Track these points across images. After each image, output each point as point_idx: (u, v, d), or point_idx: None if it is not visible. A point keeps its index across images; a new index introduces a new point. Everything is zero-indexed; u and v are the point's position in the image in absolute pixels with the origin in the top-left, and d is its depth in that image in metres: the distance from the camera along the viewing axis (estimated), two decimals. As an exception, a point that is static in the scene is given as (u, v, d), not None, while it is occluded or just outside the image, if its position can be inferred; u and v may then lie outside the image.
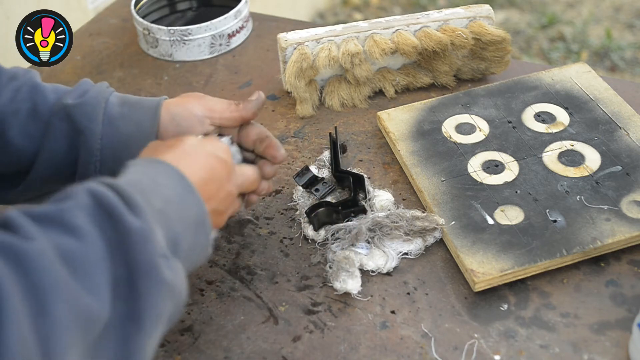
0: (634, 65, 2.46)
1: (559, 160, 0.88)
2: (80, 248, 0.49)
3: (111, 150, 0.74)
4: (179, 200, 0.58)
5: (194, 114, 0.75)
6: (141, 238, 0.52)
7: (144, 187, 0.57)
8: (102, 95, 0.75)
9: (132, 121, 0.74)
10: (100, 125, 0.74)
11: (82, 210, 0.51)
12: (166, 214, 0.57)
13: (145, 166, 0.61)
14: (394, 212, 0.82)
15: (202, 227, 0.60)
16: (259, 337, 0.74)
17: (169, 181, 0.59)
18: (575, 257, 0.77)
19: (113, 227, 0.52)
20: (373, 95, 1.05)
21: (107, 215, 0.52)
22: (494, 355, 0.70)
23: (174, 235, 0.57)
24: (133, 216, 0.53)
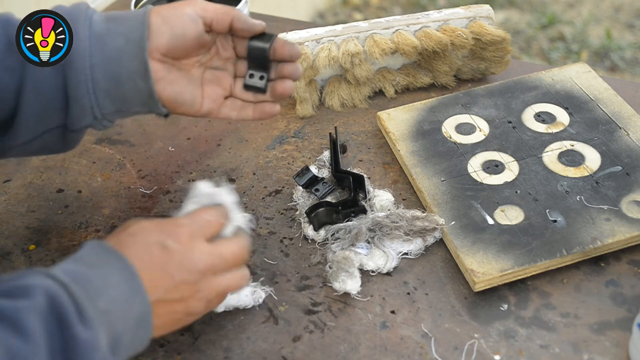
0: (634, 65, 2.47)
1: (559, 160, 0.88)
2: (26, 351, 0.51)
3: (102, 68, 0.71)
4: (125, 299, 0.59)
5: (185, 14, 0.73)
6: (88, 350, 0.54)
7: (92, 286, 0.57)
8: (82, 12, 0.72)
9: (120, 35, 0.71)
10: (87, 42, 0.71)
11: (35, 313, 0.53)
12: (110, 314, 0.57)
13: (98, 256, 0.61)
14: (394, 212, 0.82)
15: (144, 324, 0.60)
16: (259, 337, 0.74)
17: (118, 279, 0.59)
18: (575, 257, 0.77)
19: (62, 335, 0.53)
20: (373, 95, 1.05)
21: (58, 322, 0.53)
22: (494, 355, 0.70)
23: (115, 335, 0.57)
24: (83, 326, 0.54)
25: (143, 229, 0.64)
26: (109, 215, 0.89)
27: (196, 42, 0.74)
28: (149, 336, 0.62)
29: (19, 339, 0.51)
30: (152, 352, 0.73)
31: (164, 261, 0.62)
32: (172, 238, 0.63)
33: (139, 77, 0.72)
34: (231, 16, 0.75)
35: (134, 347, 0.61)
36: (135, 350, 0.62)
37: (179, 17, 0.73)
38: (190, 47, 0.74)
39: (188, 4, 0.74)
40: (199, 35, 0.74)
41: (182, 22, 0.73)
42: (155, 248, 0.62)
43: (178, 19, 0.72)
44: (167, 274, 0.62)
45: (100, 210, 0.90)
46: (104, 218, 0.89)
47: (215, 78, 0.79)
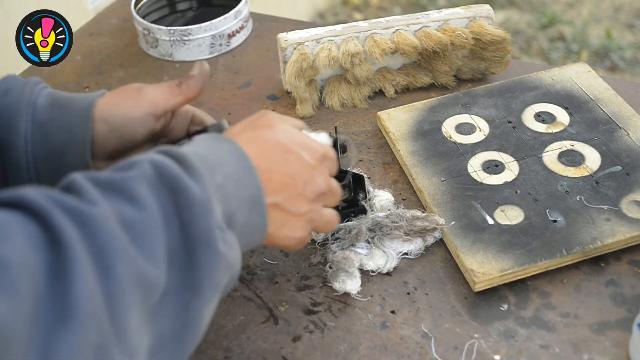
0: (634, 65, 2.46)
1: (559, 160, 0.88)
2: (139, 217, 0.51)
3: (45, 161, 0.68)
4: (237, 177, 0.59)
5: (133, 118, 0.69)
6: (202, 209, 0.54)
7: (208, 161, 0.58)
8: (25, 98, 0.68)
9: (63, 128, 0.67)
10: (29, 134, 0.67)
11: (144, 181, 0.53)
12: (224, 190, 0.57)
13: (212, 141, 0.61)
14: (394, 212, 0.82)
15: (257, 207, 0.60)
16: (259, 337, 0.74)
17: (231, 159, 0.60)
18: (575, 257, 0.77)
19: (173, 197, 0.53)
20: (373, 95, 1.05)
21: (168, 187, 0.53)
22: (494, 355, 0.70)
23: (229, 210, 0.58)
24: (196, 185, 0.54)
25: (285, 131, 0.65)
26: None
27: (145, 137, 0.72)
28: (265, 225, 0.62)
29: (132, 206, 0.51)
30: (152, 352, 0.73)
31: (297, 171, 0.64)
32: (310, 154, 0.65)
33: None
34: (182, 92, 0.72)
35: (249, 231, 0.61)
36: (252, 238, 0.62)
37: (126, 123, 0.69)
38: (139, 143, 0.72)
39: (135, 102, 0.70)
40: (149, 131, 0.71)
41: (130, 127, 0.70)
42: (294, 156, 0.64)
43: (125, 125, 0.69)
44: (294, 184, 0.63)
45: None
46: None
47: None
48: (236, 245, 0.58)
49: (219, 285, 0.56)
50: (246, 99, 1.08)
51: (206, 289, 0.54)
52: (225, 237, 0.56)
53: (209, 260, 0.54)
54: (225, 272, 0.56)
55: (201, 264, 0.53)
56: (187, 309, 0.53)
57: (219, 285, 0.56)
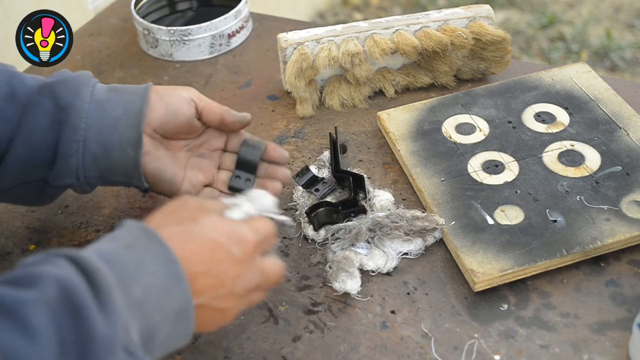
0: (634, 65, 2.46)
1: (559, 160, 0.88)
2: (27, 351, 0.45)
3: (96, 131, 0.73)
4: (164, 288, 0.54)
5: (181, 95, 0.77)
6: (105, 349, 0.48)
7: (125, 270, 0.53)
8: (87, 78, 0.76)
9: (119, 104, 0.74)
10: (87, 105, 0.73)
11: (43, 307, 0.47)
12: (145, 304, 0.53)
13: (137, 238, 0.56)
14: (394, 212, 0.82)
15: (184, 319, 0.56)
16: (259, 337, 0.74)
17: (158, 267, 0.55)
18: (575, 257, 0.77)
19: (76, 329, 0.48)
20: (373, 95, 1.05)
21: (72, 315, 0.48)
22: (494, 355, 0.70)
23: (150, 327, 0.53)
24: (103, 318, 0.49)
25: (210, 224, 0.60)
26: (109, 215, 0.89)
27: (187, 123, 0.78)
28: (190, 334, 0.58)
29: (22, 338, 0.46)
30: (152, 352, 0.73)
31: (225, 269, 0.59)
32: (240, 248, 0.60)
33: (130, 146, 0.74)
34: (222, 110, 0.79)
35: (172, 342, 0.57)
36: (174, 345, 0.58)
37: (175, 96, 0.77)
38: (180, 127, 0.77)
39: (184, 89, 0.79)
40: (190, 117, 0.78)
41: (177, 101, 0.77)
42: (222, 253, 0.59)
43: (174, 98, 0.77)
44: (222, 283, 0.59)
45: (100, 210, 0.90)
46: (104, 218, 0.89)
47: (199, 165, 0.81)
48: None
49: None
50: (246, 99, 1.08)
51: None
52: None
53: None
54: None
55: None
56: None
57: None
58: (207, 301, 0.58)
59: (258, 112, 1.04)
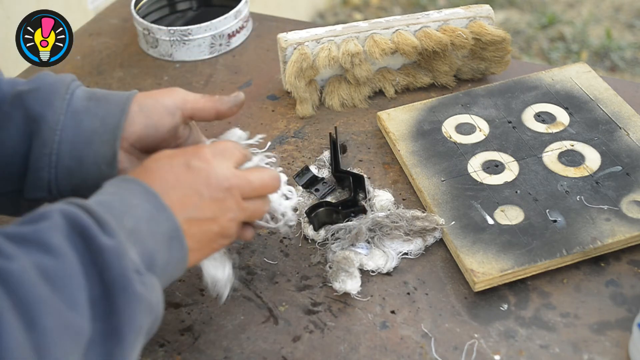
0: (634, 65, 2.47)
1: (559, 160, 0.88)
2: (58, 267, 0.51)
3: (71, 145, 0.69)
4: (150, 217, 0.59)
5: (164, 106, 0.72)
6: (114, 256, 0.54)
7: (114, 208, 0.58)
8: (63, 85, 0.71)
9: (97, 116, 0.70)
10: (62, 116, 0.69)
11: (57, 231, 0.53)
12: (138, 233, 0.57)
13: (117, 186, 0.61)
14: (394, 212, 0.82)
15: (176, 242, 0.60)
16: (259, 337, 0.74)
17: (139, 200, 0.59)
18: (575, 257, 0.77)
19: (87, 246, 0.53)
20: (373, 95, 1.05)
21: (81, 236, 0.53)
22: (494, 355, 0.70)
23: (148, 252, 0.57)
24: (105, 235, 0.54)
25: (166, 154, 0.65)
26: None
27: (169, 134, 0.73)
28: (186, 255, 0.61)
29: (49, 256, 0.51)
30: (152, 352, 0.73)
31: (190, 179, 0.63)
32: (196, 157, 0.64)
33: (104, 164, 0.70)
34: (213, 103, 0.74)
35: (172, 266, 0.61)
36: (175, 271, 0.62)
37: (157, 107, 0.72)
38: (162, 140, 0.73)
39: (169, 94, 0.74)
40: (173, 128, 0.73)
41: (159, 114, 0.72)
42: (180, 168, 0.63)
43: (155, 110, 0.72)
44: (194, 192, 0.62)
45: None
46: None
47: None
48: (157, 287, 0.58)
49: (141, 329, 0.55)
50: (246, 99, 1.07)
51: (128, 334, 0.54)
52: (144, 280, 0.56)
53: (127, 305, 0.53)
54: (146, 315, 0.56)
55: (121, 310, 0.53)
56: (111, 358, 0.53)
57: (142, 330, 0.55)
58: (190, 214, 0.62)
59: (258, 112, 1.04)
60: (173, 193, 0.61)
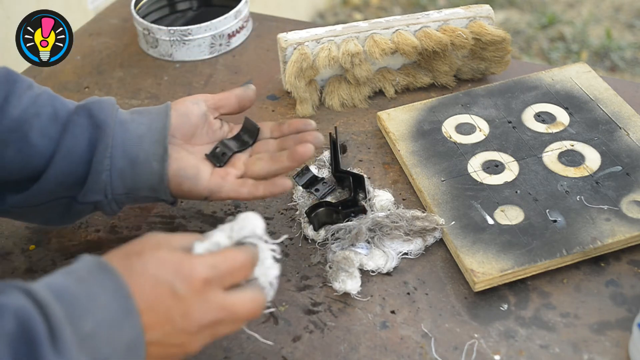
0: (634, 65, 2.46)
1: (559, 160, 0.88)
2: None
3: (121, 148, 0.75)
4: (114, 321, 0.54)
5: (187, 99, 0.81)
6: None
7: (76, 305, 0.54)
8: (111, 103, 0.78)
9: (143, 124, 0.77)
10: (113, 125, 0.76)
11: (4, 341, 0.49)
12: (95, 338, 0.53)
13: (91, 274, 0.56)
14: (394, 212, 0.82)
15: (134, 353, 0.56)
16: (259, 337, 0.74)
17: (109, 300, 0.55)
18: (575, 257, 0.77)
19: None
20: (373, 95, 1.05)
21: (28, 350, 0.49)
22: (494, 355, 0.70)
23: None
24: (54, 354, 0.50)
25: (157, 259, 0.59)
26: (109, 215, 0.89)
27: (200, 120, 0.81)
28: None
29: None
30: (152, 352, 0.73)
31: (169, 306, 0.57)
32: (185, 283, 0.58)
33: (155, 160, 0.76)
34: (232, 94, 0.84)
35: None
36: None
37: (183, 102, 0.81)
38: (195, 125, 0.80)
39: (191, 96, 0.83)
40: (202, 114, 0.81)
41: (185, 105, 0.81)
42: (164, 289, 0.57)
43: (182, 104, 0.81)
44: (169, 320, 0.57)
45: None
46: (104, 218, 0.89)
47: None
48: None
49: None
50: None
51: None
52: None
53: None
54: None
55: None
56: None
57: None
58: (158, 338, 0.57)
59: (258, 112, 1.04)
60: (148, 314, 0.56)
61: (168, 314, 0.57)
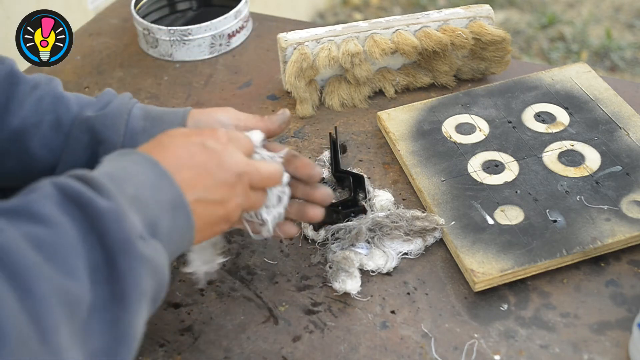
0: (634, 65, 2.47)
1: (559, 160, 0.88)
2: (50, 235, 0.50)
3: None
4: (152, 184, 0.58)
5: (218, 121, 0.76)
6: (114, 218, 0.52)
7: (114, 175, 0.57)
8: (124, 107, 0.76)
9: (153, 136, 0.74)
10: (122, 138, 0.74)
11: (48, 200, 0.52)
12: (140, 199, 0.56)
13: (117, 158, 0.61)
14: (394, 212, 0.82)
15: (181, 211, 0.59)
16: (259, 337, 0.74)
17: (141, 168, 0.59)
18: (575, 257, 0.77)
19: (83, 212, 0.52)
20: (373, 95, 1.05)
21: (75, 202, 0.52)
22: (494, 355, 0.70)
23: (150, 219, 0.56)
24: (102, 198, 0.53)
25: (182, 132, 0.65)
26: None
27: None
28: (192, 226, 0.60)
29: (40, 226, 0.50)
30: (152, 352, 0.73)
31: (205, 160, 0.62)
32: (212, 138, 0.64)
33: None
34: (263, 123, 0.77)
35: (177, 236, 0.59)
36: (181, 242, 0.60)
37: (210, 122, 0.76)
38: None
39: (222, 112, 0.78)
40: None
41: (211, 124, 0.76)
42: (196, 147, 0.62)
43: (209, 125, 0.76)
44: (207, 172, 0.62)
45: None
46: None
47: None
48: (162, 251, 0.57)
49: (145, 293, 0.54)
50: (246, 99, 1.08)
51: (133, 299, 0.52)
52: (149, 244, 0.55)
53: (131, 267, 0.52)
54: (151, 279, 0.55)
55: (124, 274, 0.52)
56: (117, 323, 0.52)
57: (146, 293, 0.54)
58: (200, 195, 0.61)
59: (258, 112, 1.04)
60: (185, 171, 0.61)
61: (206, 166, 0.62)
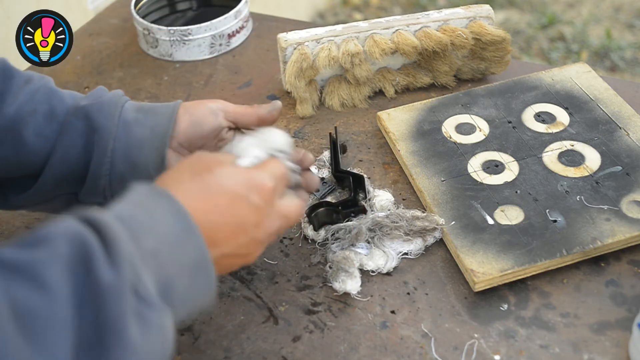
0: (634, 65, 2.46)
1: (559, 160, 0.88)
2: (42, 307, 0.46)
3: (123, 152, 0.73)
4: (176, 240, 0.55)
5: (207, 106, 0.77)
6: (111, 295, 0.48)
7: (136, 224, 0.54)
8: (118, 99, 0.76)
9: (146, 126, 0.75)
10: (115, 127, 0.74)
11: (57, 264, 0.48)
12: (158, 256, 0.53)
13: (147, 196, 0.57)
14: (394, 212, 0.82)
15: (202, 271, 0.56)
16: (259, 337, 0.74)
17: (168, 218, 0.55)
18: (575, 257, 0.77)
19: (87, 278, 0.48)
20: (373, 95, 1.05)
21: (84, 267, 0.49)
22: (494, 355, 0.70)
23: (166, 278, 0.53)
24: (108, 268, 0.49)
25: (228, 174, 0.61)
26: (109, 215, 0.89)
27: (212, 133, 0.77)
28: (212, 286, 0.57)
29: (35, 293, 0.46)
30: (152, 352, 0.73)
31: (246, 218, 0.61)
32: (259, 195, 0.62)
33: (153, 168, 0.74)
34: (254, 110, 0.78)
35: (194, 296, 0.57)
36: (199, 301, 0.58)
37: (201, 108, 0.77)
38: (206, 136, 0.76)
39: (212, 100, 0.79)
40: (216, 127, 0.77)
41: (202, 112, 0.76)
42: (241, 203, 0.60)
43: (199, 110, 0.77)
44: (244, 231, 0.61)
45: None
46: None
47: None
48: (167, 318, 0.53)
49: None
50: (246, 99, 1.08)
51: None
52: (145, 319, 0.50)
53: (118, 352, 0.48)
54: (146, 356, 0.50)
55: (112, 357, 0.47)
56: None
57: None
58: (230, 250, 0.60)
59: (258, 112, 1.04)
60: (221, 228, 0.59)
61: (244, 226, 0.61)
